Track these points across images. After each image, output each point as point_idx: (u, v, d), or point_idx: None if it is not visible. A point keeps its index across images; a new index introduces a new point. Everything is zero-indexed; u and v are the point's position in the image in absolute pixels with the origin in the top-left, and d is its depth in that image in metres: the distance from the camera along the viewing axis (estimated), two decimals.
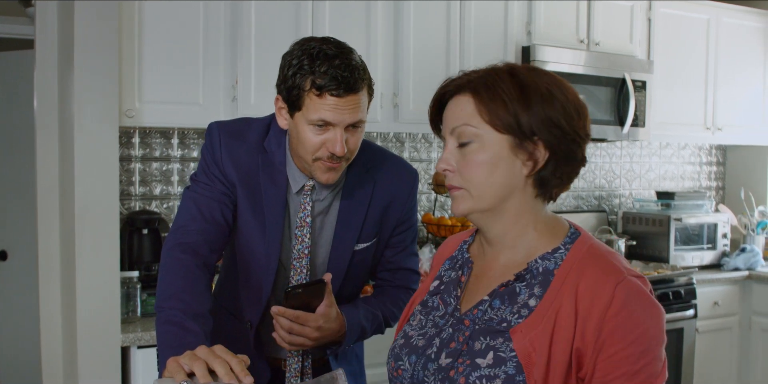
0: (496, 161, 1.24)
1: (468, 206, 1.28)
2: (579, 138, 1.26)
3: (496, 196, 1.27)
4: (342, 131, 1.66)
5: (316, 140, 1.66)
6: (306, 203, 1.79)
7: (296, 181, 1.79)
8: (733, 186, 5.11)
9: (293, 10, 3.06)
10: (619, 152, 4.70)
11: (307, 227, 1.79)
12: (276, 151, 1.80)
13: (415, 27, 3.37)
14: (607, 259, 1.24)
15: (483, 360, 1.21)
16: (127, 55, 2.75)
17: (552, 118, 1.23)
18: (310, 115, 1.64)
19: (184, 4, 2.86)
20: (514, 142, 1.24)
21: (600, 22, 3.96)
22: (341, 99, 1.62)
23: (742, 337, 4.24)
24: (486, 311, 1.27)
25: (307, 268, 1.81)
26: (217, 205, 1.78)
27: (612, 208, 4.64)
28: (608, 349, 1.17)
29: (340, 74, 1.61)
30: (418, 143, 3.91)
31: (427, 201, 3.93)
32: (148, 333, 2.62)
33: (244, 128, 1.83)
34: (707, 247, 4.34)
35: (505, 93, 1.23)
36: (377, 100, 3.27)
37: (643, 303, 1.19)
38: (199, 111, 2.89)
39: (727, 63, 4.51)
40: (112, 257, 2.60)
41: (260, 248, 1.81)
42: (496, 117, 1.23)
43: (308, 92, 1.63)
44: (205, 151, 1.82)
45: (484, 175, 1.25)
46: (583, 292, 1.19)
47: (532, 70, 1.29)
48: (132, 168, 3.19)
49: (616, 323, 1.16)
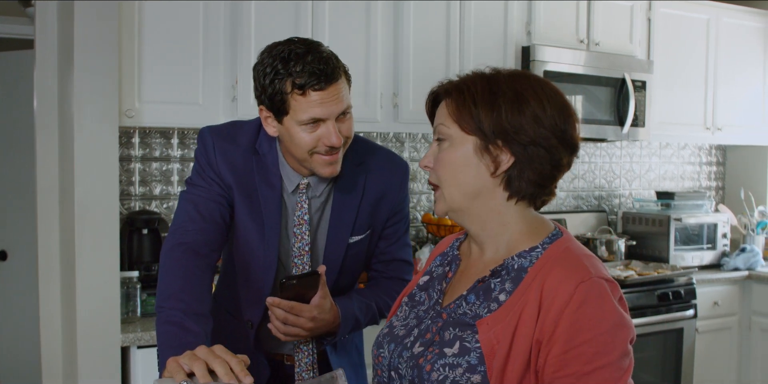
0: (463, 161, 1.30)
1: (443, 204, 1.34)
2: (550, 145, 1.27)
3: (464, 195, 1.31)
4: (334, 123, 1.68)
5: (310, 139, 1.68)
6: (303, 201, 1.81)
7: (291, 180, 1.81)
8: (732, 186, 5.11)
9: (293, 10, 3.06)
10: (619, 152, 4.70)
11: (305, 225, 1.81)
12: (268, 152, 1.82)
13: (415, 27, 3.37)
14: (578, 260, 1.26)
15: (450, 349, 1.27)
16: (126, 55, 2.75)
17: (516, 124, 1.26)
18: (299, 116, 1.66)
19: (184, 4, 2.86)
20: (480, 144, 1.28)
21: (600, 22, 3.96)
22: (324, 92, 1.64)
23: (741, 337, 4.24)
24: (461, 305, 1.32)
25: (308, 265, 1.82)
26: (215, 206, 1.79)
27: (612, 208, 4.64)
28: (561, 345, 1.18)
29: (317, 68, 1.63)
30: (418, 143, 3.91)
31: (427, 201, 3.93)
32: (148, 333, 2.62)
33: (235, 132, 1.84)
34: (707, 247, 4.34)
35: (473, 96, 1.28)
36: (377, 101, 3.27)
37: (603, 306, 1.20)
38: (199, 111, 2.89)
39: (727, 63, 4.51)
40: (112, 257, 2.60)
41: (259, 248, 1.82)
42: (461, 118, 1.29)
43: (291, 94, 1.65)
44: (200, 155, 1.83)
45: (452, 174, 1.31)
46: (548, 288, 1.22)
47: (514, 75, 1.32)
48: (132, 168, 3.19)
49: (572, 320, 1.18)
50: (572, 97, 3.83)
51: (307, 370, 1.84)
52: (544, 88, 1.30)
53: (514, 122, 1.26)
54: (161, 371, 1.36)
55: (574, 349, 1.17)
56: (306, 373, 1.84)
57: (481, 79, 1.31)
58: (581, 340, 1.17)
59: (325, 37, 3.13)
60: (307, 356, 1.85)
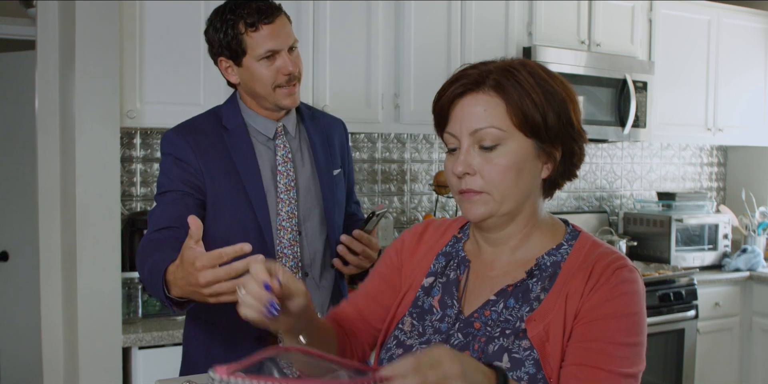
0: (522, 165, 1.22)
1: (488, 210, 1.24)
2: (582, 132, 1.27)
3: (518, 200, 1.25)
4: (287, 54, 1.90)
5: (269, 72, 1.90)
6: (284, 142, 1.99)
7: (267, 127, 1.99)
8: (733, 187, 5.11)
9: (294, 11, 3.06)
10: (620, 153, 4.70)
11: (290, 162, 1.98)
12: (236, 124, 1.97)
13: (416, 28, 3.37)
14: (609, 249, 1.27)
15: (500, 363, 1.18)
16: (128, 55, 2.75)
17: (567, 116, 1.23)
18: (256, 51, 1.88)
19: (185, 5, 2.86)
20: (537, 146, 1.23)
21: (601, 23, 3.96)
22: (273, 25, 1.88)
23: (743, 338, 4.24)
24: (501, 312, 1.24)
25: (295, 200, 1.98)
26: (186, 212, 1.81)
27: (613, 208, 4.64)
28: (594, 313, 1.17)
29: (261, 5, 1.88)
30: (419, 144, 3.91)
31: (428, 202, 3.93)
32: (149, 334, 2.62)
33: (195, 122, 2.01)
34: (708, 248, 4.34)
35: (532, 95, 1.20)
36: (378, 101, 3.28)
37: (640, 291, 1.21)
38: (200, 111, 2.83)
39: (728, 64, 4.51)
40: (114, 258, 2.60)
41: (250, 217, 1.92)
42: (526, 122, 1.20)
43: (245, 34, 1.87)
44: (167, 156, 1.94)
45: (511, 180, 1.22)
46: (598, 269, 1.21)
47: (537, 66, 1.27)
48: (133, 169, 3.19)
49: (610, 295, 1.18)
50: None
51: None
52: (556, 76, 1.28)
53: (566, 115, 1.23)
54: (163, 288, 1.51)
55: (605, 320, 1.16)
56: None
57: (524, 72, 1.22)
58: (614, 313, 1.17)
59: (326, 38, 3.13)
60: None
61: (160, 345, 2.64)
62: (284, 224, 1.95)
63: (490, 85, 1.21)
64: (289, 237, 1.96)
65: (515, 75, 1.21)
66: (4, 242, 4.19)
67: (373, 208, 1.96)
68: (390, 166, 3.82)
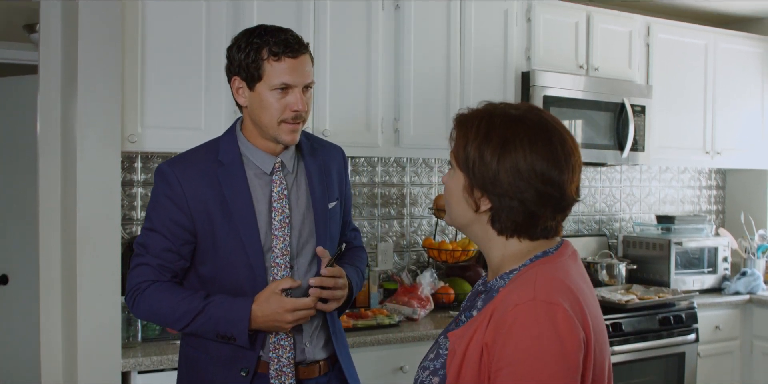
0: (456, 193, 1.37)
1: (447, 219, 1.45)
2: (524, 198, 1.29)
3: (457, 222, 1.41)
4: (301, 91, 1.90)
5: (278, 104, 1.89)
6: (281, 178, 1.98)
7: (266, 162, 1.98)
8: (732, 210, 5.12)
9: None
10: (619, 176, 4.72)
11: (285, 199, 1.96)
12: (232, 159, 1.97)
13: (416, 53, 3.40)
14: (532, 280, 1.27)
15: (430, 355, 1.39)
16: (129, 80, 2.77)
17: (493, 173, 1.30)
18: (272, 80, 1.87)
19: (186, 29, 2.89)
20: (467, 183, 1.34)
21: (599, 48, 4.00)
22: (296, 60, 1.88)
23: (743, 361, 4.22)
24: (458, 325, 1.42)
25: (288, 236, 1.97)
26: (173, 256, 1.99)
27: (612, 232, 4.64)
28: (494, 362, 1.23)
29: (290, 39, 1.89)
30: (419, 168, 3.92)
31: (428, 225, 3.94)
32: (149, 358, 2.61)
33: (190, 156, 2.02)
34: (708, 271, 4.34)
35: (466, 137, 1.34)
36: (378, 126, 3.29)
37: (530, 331, 1.20)
38: (201, 136, 2.87)
39: (725, 87, 4.54)
40: (114, 282, 2.60)
41: (241, 253, 1.94)
42: (458, 154, 1.36)
43: (267, 60, 1.87)
44: (158, 189, 1.97)
45: (448, 201, 1.41)
46: (497, 300, 1.28)
47: (513, 119, 1.32)
48: (134, 193, 3.20)
49: (502, 342, 1.21)
50: (572, 121, 3.86)
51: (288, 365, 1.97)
52: (539, 136, 1.29)
53: (492, 171, 1.29)
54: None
55: (500, 370, 1.21)
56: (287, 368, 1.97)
57: (483, 117, 1.35)
58: (504, 364, 1.21)
59: (326, 62, 3.16)
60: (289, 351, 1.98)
61: (159, 369, 2.62)
62: (278, 261, 1.95)
63: (458, 123, 1.42)
64: (282, 274, 1.95)
65: (477, 114, 1.37)
66: (4, 265, 4.19)
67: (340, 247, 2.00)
68: (390, 190, 3.83)
